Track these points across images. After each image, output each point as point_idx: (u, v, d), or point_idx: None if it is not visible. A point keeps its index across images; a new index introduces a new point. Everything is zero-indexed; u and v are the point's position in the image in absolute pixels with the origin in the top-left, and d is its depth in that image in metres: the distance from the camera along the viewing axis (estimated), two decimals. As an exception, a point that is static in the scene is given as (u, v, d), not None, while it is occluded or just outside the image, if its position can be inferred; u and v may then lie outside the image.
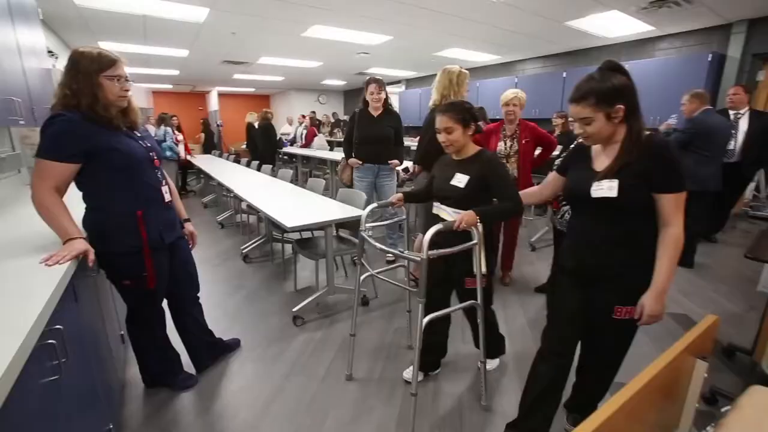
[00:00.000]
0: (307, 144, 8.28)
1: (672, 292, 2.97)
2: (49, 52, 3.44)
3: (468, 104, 1.64)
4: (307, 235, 3.21)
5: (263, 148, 7.15)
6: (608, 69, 1.19)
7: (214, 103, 12.47)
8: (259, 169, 5.10)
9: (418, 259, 1.40)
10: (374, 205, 1.86)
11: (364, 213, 1.81)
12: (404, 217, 2.21)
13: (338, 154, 6.52)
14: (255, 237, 4.05)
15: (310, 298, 2.56)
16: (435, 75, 2.61)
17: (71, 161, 1.38)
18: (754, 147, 3.75)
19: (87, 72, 1.38)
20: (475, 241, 1.52)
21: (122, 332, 2.03)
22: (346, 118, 10.68)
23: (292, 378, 1.98)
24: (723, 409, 1.07)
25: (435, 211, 1.74)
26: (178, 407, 1.80)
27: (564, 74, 5.40)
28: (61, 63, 4.24)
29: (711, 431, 1.00)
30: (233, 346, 2.21)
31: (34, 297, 0.94)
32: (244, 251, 3.71)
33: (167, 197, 1.66)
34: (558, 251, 1.69)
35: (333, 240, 2.56)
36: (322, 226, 2.43)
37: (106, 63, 1.41)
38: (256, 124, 7.49)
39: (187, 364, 1.99)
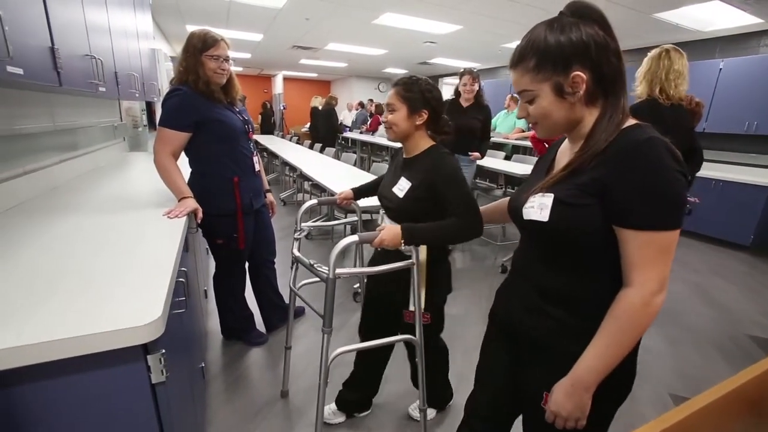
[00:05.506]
0: (372, 130, 8.43)
1: (754, 314, 2.72)
2: (150, 33, 3.81)
3: (430, 84, 1.22)
4: (366, 217, 3.32)
5: (324, 132, 7.39)
6: (572, 13, 0.72)
7: (279, 86, 13.03)
8: (321, 151, 5.30)
9: (324, 275, 1.11)
10: (313, 201, 1.55)
11: (299, 211, 1.50)
12: (356, 218, 1.82)
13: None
14: (315, 216, 4.25)
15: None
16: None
17: (185, 130, 1.57)
18: None
19: (193, 51, 1.56)
20: (411, 261, 1.16)
21: (205, 288, 2.27)
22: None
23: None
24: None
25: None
26: (251, 360, 1.99)
27: (646, 70, 5.02)
28: (156, 44, 4.67)
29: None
30: (299, 313, 2.39)
31: (168, 241, 1.12)
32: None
33: (257, 167, 1.83)
34: None
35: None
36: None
37: (209, 43, 1.57)
38: (320, 108, 7.75)
39: (259, 323, 2.18)
